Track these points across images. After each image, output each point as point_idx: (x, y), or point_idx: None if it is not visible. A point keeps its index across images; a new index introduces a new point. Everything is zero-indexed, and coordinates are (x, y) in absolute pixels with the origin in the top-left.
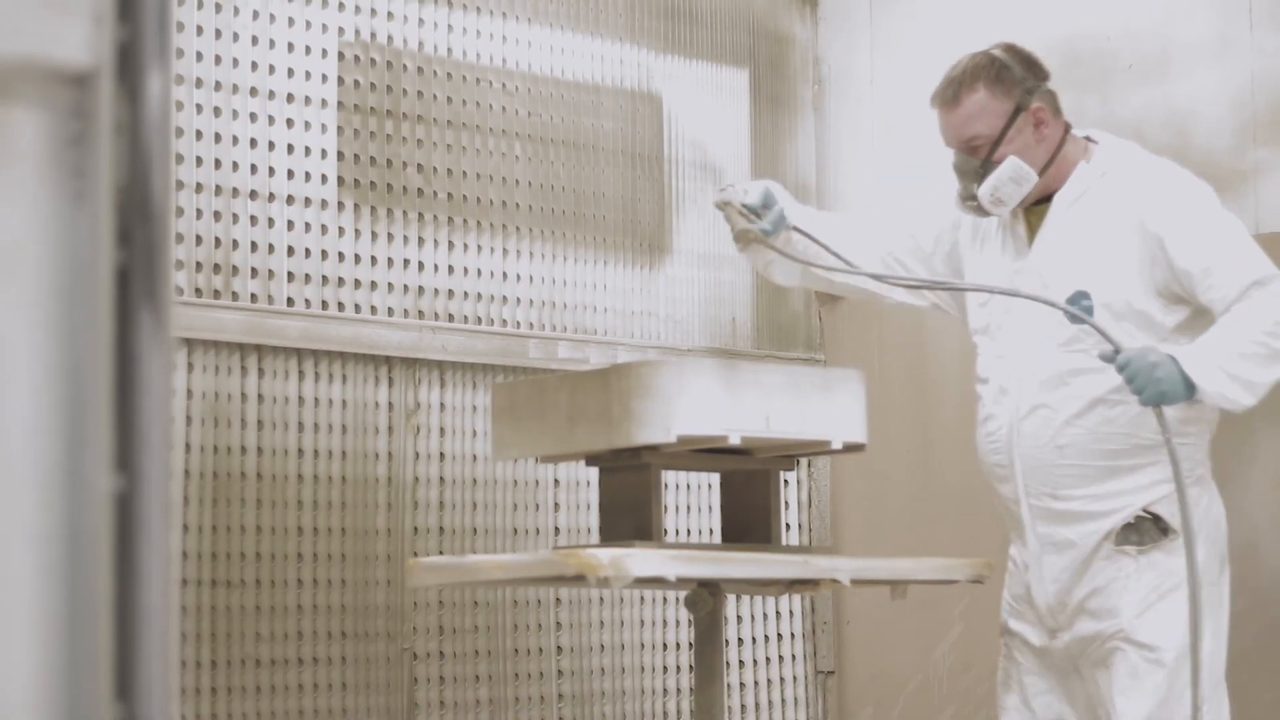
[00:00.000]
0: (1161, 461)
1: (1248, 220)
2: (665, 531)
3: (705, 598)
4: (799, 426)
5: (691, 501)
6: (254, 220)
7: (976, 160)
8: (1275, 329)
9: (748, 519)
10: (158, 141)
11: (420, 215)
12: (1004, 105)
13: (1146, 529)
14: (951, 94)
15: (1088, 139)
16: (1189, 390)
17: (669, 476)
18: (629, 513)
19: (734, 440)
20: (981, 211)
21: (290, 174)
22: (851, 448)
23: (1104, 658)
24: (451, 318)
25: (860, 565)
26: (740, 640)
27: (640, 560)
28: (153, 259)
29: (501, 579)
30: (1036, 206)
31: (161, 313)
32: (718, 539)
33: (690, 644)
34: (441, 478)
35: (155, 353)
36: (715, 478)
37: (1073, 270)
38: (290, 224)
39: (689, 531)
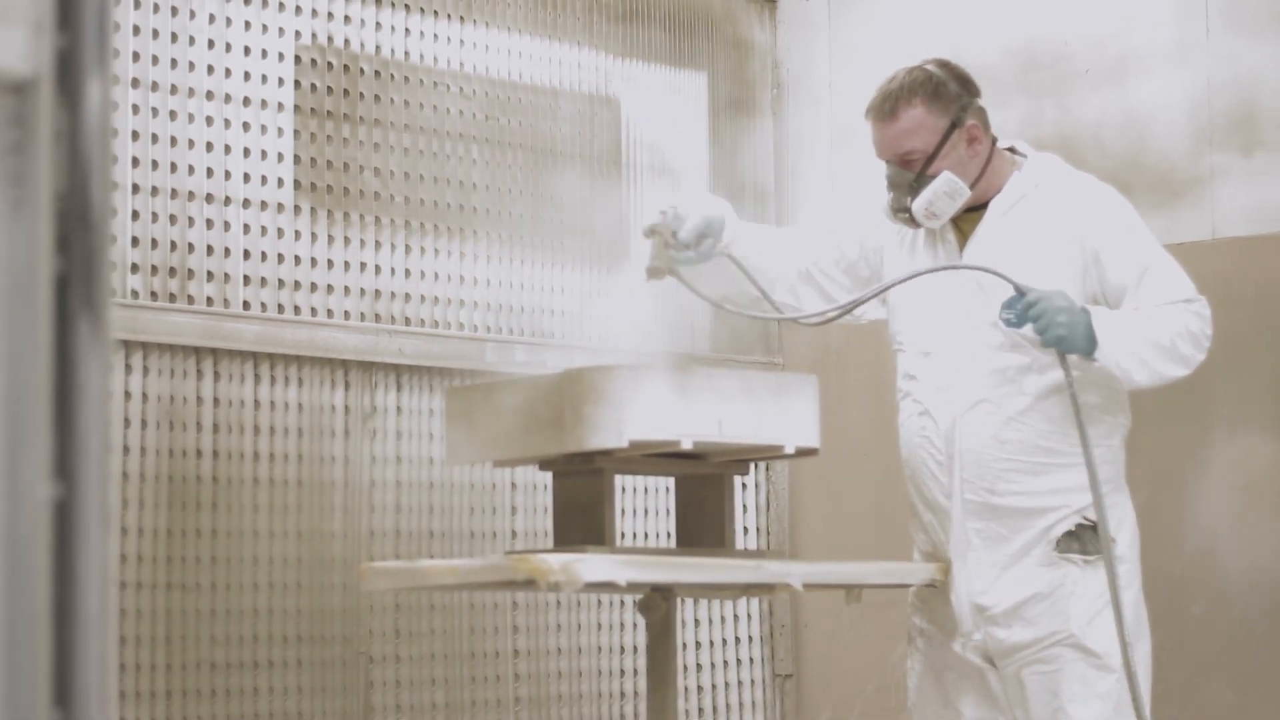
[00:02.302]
0: (1096, 462)
1: (1204, 224)
2: (622, 536)
3: (658, 602)
4: (752, 431)
5: (648, 505)
6: (210, 224)
7: (910, 174)
8: (1187, 337)
9: (702, 523)
10: (97, 149)
11: (377, 219)
12: (940, 121)
13: (1088, 537)
14: (889, 108)
15: (1012, 150)
16: (1089, 345)
17: (626, 480)
18: (582, 517)
19: (686, 445)
20: (913, 223)
21: (246, 177)
22: (804, 452)
23: (1038, 662)
24: (408, 321)
25: (813, 569)
26: (699, 643)
27: (591, 565)
28: (91, 266)
29: (453, 584)
30: (966, 214)
31: (100, 319)
32: (674, 543)
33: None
34: (398, 481)
35: (93, 360)
36: (672, 481)
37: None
38: (246, 227)
39: (646, 535)
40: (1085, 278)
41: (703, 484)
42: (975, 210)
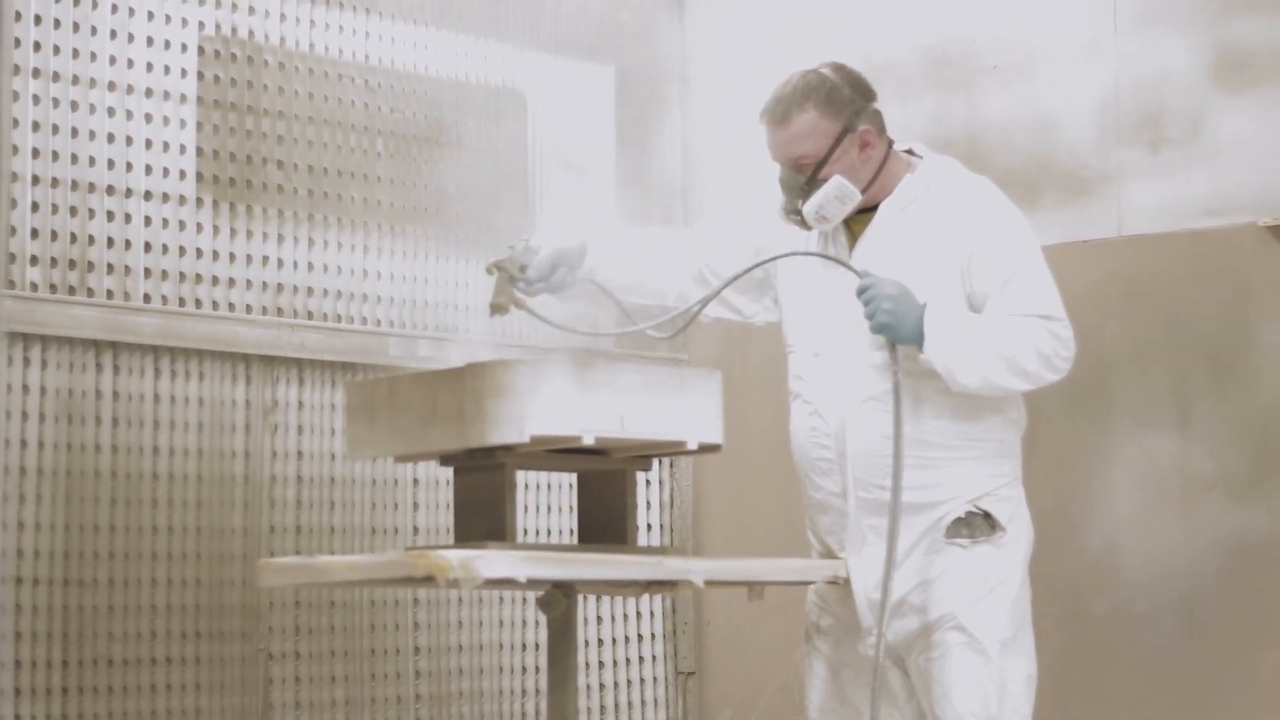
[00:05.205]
0: (989, 456)
1: (1110, 222)
2: (525, 532)
3: (558, 599)
4: (654, 427)
5: (551, 501)
6: (111, 216)
7: (802, 177)
8: (1033, 353)
9: (604, 519)
10: None
11: (280, 212)
12: (832, 126)
13: (977, 524)
14: (781, 112)
15: (910, 152)
16: (916, 337)
17: (530, 476)
18: (483, 513)
19: (588, 440)
20: (805, 226)
21: (148, 169)
22: (707, 448)
23: (928, 649)
24: (311, 315)
25: (714, 566)
26: (601, 641)
27: (490, 561)
28: None
29: (351, 580)
30: (860, 216)
31: None
32: (577, 540)
33: None
34: (299, 476)
35: None
36: (575, 477)
37: (894, 276)
38: (148, 220)
39: (549, 532)
40: (962, 279)
41: (605, 480)
42: (869, 211)
